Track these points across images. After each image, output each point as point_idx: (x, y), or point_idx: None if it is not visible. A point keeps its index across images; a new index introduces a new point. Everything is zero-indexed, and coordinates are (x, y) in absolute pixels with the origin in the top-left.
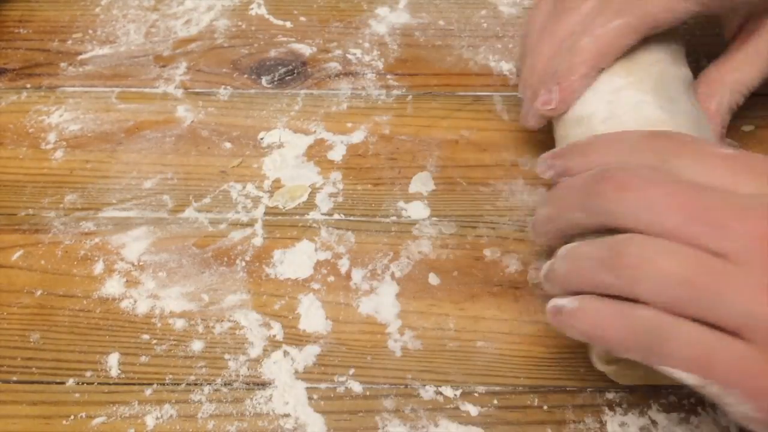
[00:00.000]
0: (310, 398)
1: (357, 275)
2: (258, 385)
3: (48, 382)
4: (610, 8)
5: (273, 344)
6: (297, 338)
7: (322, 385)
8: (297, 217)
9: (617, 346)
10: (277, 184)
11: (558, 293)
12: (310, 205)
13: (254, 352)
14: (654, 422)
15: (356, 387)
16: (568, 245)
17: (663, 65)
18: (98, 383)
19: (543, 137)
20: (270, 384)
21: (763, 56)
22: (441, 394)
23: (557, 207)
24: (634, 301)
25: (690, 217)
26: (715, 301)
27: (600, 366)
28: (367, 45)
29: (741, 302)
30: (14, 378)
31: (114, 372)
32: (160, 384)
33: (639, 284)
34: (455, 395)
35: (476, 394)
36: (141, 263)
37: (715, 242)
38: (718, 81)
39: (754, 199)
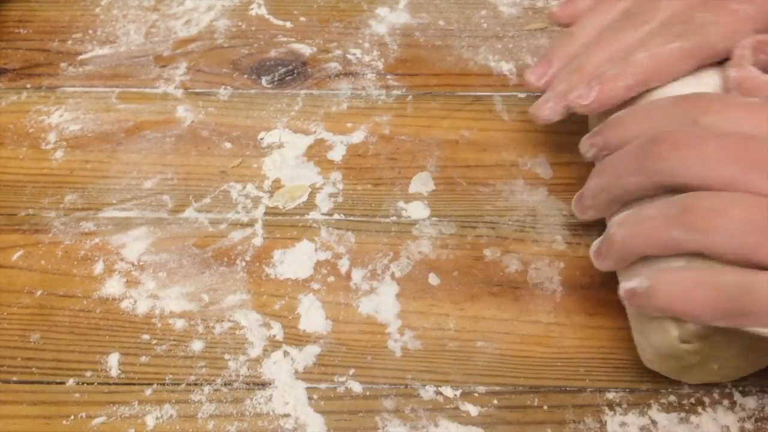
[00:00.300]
0: (310, 398)
1: (357, 275)
2: (258, 385)
3: (48, 382)
4: (670, 31)
5: (273, 344)
6: (297, 338)
7: (322, 385)
8: (297, 217)
9: (706, 315)
10: (277, 184)
11: (612, 266)
12: (310, 205)
13: (254, 352)
14: (654, 422)
15: (356, 387)
16: (624, 212)
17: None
18: (98, 383)
19: (543, 137)
20: (270, 384)
21: None
22: (441, 394)
23: (611, 175)
24: (706, 259)
25: (747, 166)
26: None
27: (679, 346)
28: (367, 45)
29: None
30: (14, 378)
31: (114, 372)
32: (160, 384)
33: (713, 236)
34: (455, 395)
35: (476, 394)
36: (141, 263)
37: None
38: None
39: None
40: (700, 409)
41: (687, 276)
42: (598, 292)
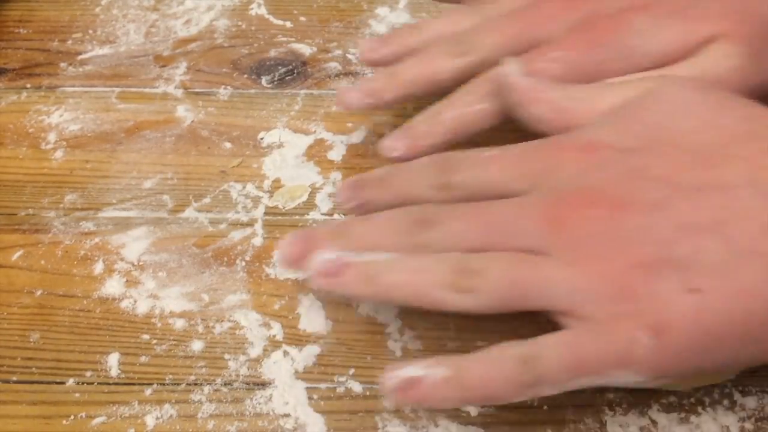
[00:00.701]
0: (310, 398)
1: None
2: (258, 385)
3: (48, 382)
4: (482, 87)
5: (273, 344)
6: (297, 338)
7: (322, 385)
8: (297, 217)
9: (509, 395)
10: (277, 184)
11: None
12: (310, 205)
13: (254, 352)
14: (654, 422)
15: (356, 387)
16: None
17: None
18: (98, 383)
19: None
20: (270, 384)
21: None
22: None
23: (370, 244)
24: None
25: (489, 231)
26: (542, 293)
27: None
28: None
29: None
30: (14, 378)
31: (114, 372)
32: (160, 384)
33: (477, 299)
34: None
35: None
36: (141, 263)
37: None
38: None
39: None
40: (700, 409)
41: (477, 359)
42: None
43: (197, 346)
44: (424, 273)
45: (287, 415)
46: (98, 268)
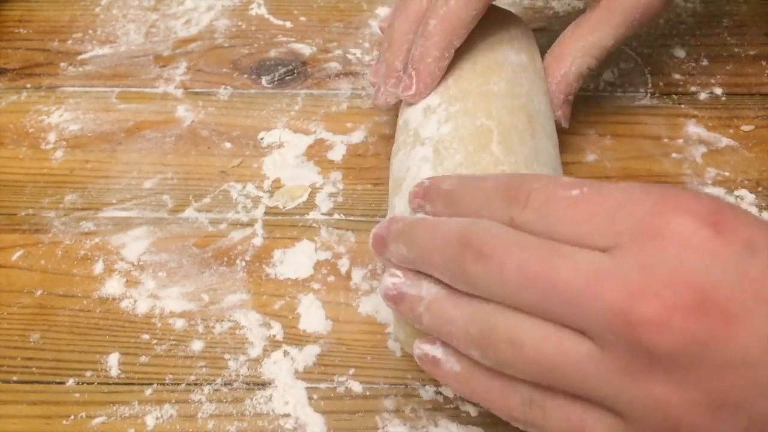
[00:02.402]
0: (310, 398)
1: (357, 275)
2: (258, 385)
3: (48, 382)
4: None
5: (273, 344)
6: (297, 338)
7: (322, 385)
8: (297, 217)
9: (504, 416)
10: (277, 184)
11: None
12: (310, 205)
13: (254, 352)
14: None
15: (356, 387)
16: (433, 295)
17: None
18: (98, 383)
19: None
20: (270, 384)
21: (615, 15)
22: (441, 394)
23: (418, 253)
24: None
25: (545, 294)
26: (582, 384)
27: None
28: (367, 45)
29: (607, 386)
30: (14, 378)
31: (114, 372)
32: (160, 384)
33: (509, 368)
34: (455, 395)
35: None
36: (141, 263)
37: (573, 321)
38: (567, 45)
39: (603, 260)
40: None
41: (492, 380)
42: None
43: (197, 346)
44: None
45: (287, 415)
46: (98, 268)
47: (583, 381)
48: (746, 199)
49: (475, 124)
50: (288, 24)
